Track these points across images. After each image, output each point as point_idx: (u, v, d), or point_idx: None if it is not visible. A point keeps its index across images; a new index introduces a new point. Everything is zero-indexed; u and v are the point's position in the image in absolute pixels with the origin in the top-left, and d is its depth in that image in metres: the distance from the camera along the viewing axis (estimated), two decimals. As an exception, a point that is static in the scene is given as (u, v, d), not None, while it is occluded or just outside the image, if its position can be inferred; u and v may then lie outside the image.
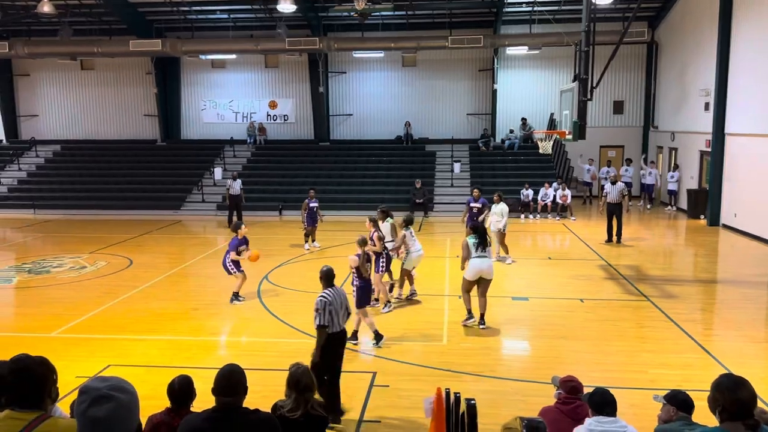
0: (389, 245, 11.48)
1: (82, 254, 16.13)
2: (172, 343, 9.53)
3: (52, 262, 15.33)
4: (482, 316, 10.05)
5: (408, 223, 11.61)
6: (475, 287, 10.06)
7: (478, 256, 9.89)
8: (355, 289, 9.27)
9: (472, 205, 15.22)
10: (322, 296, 6.87)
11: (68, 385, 6.68)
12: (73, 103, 29.33)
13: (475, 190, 15.51)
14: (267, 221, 21.67)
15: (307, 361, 5.82)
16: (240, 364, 4.03)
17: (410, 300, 11.67)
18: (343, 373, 8.22)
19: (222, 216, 21.71)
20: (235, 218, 20.44)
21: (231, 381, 3.76)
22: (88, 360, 8.68)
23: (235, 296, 11.62)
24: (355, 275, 9.23)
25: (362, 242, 9.73)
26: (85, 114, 29.31)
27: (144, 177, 25.80)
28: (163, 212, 23.30)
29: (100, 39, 25.88)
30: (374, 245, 10.77)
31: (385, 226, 11.67)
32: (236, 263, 11.58)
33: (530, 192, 21.94)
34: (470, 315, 10.12)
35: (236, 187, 20.49)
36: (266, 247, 17.10)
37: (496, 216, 14.62)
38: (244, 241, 11.68)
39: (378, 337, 9.23)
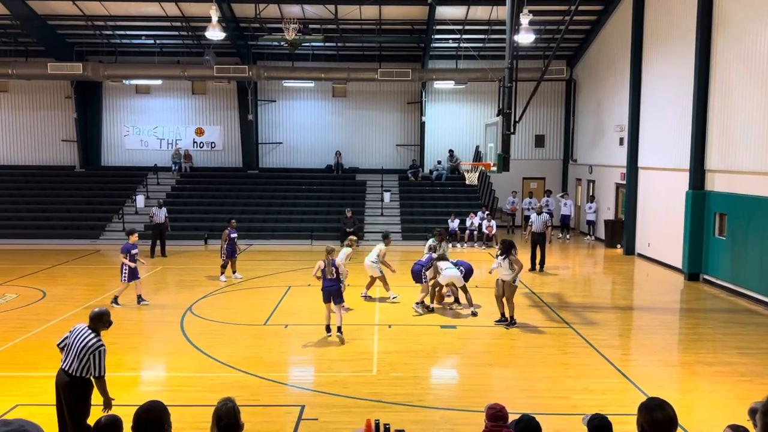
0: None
1: (-10, 286, 15.13)
2: (87, 379, 9.01)
3: (-45, 295, 14.29)
4: (468, 301, 12.97)
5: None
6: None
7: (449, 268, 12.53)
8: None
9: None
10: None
11: (-30, 428, 6.18)
12: (-16, 126, 27.78)
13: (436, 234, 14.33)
14: (192, 250, 21.06)
15: (235, 394, 5.61)
16: (162, 400, 3.87)
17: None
18: (270, 407, 8.05)
19: (144, 245, 20.90)
20: (158, 248, 19.80)
21: (148, 417, 3.61)
22: (-7, 400, 8.09)
23: (115, 300, 12.97)
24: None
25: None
26: (-3, 138, 27.81)
27: (61, 204, 24.60)
28: (80, 241, 22.22)
29: (15, 60, 24.74)
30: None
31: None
32: (131, 270, 12.94)
33: (456, 222, 22.39)
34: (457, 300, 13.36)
35: (161, 215, 19.87)
36: (190, 277, 16.62)
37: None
38: (135, 246, 13.11)
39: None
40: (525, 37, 17.76)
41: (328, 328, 11.01)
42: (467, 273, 13.35)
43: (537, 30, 20.42)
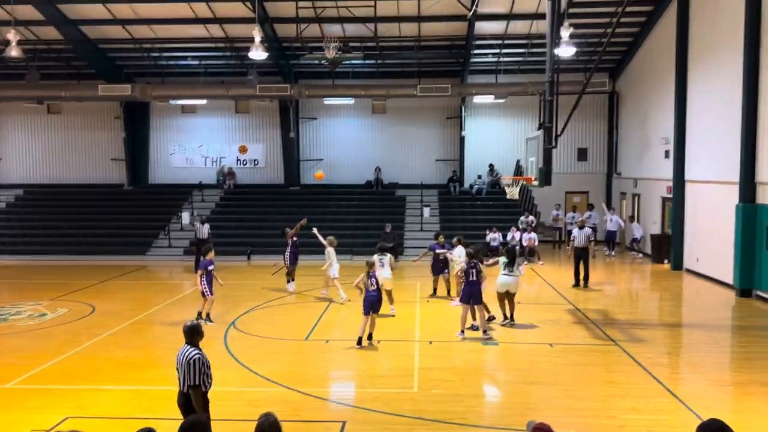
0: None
1: (43, 301, 15.65)
2: (135, 393, 9.22)
3: (11, 309, 14.82)
4: (511, 315, 12.84)
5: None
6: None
7: (505, 274, 12.60)
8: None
9: (437, 251, 15.83)
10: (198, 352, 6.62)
11: (23, 439, 6.38)
12: (38, 147, 28.91)
13: (441, 236, 16.16)
14: (235, 266, 21.39)
15: (277, 409, 5.66)
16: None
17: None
18: (312, 423, 8.07)
19: (189, 261, 21.36)
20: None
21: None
22: (46, 412, 8.33)
23: (207, 318, 12.86)
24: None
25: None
26: (51, 158, 28.89)
27: (109, 222, 25.35)
28: (128, 257, 22.84)
29: (68, 83, 25.76)
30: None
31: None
32: (209, 284, 12.92)
33: (498, 235, 22.10)
34: (504, 317, 12.86)
35: (204, 231, 20.28)
36: (233, 292, 16.85)
37: (456, 258, 14.93)
38: (212, 263, 13.23)
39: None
40: (566, 51, 17.59)
41: (360, 341, 11.24)
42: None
43: (578, 43, 20.21)
